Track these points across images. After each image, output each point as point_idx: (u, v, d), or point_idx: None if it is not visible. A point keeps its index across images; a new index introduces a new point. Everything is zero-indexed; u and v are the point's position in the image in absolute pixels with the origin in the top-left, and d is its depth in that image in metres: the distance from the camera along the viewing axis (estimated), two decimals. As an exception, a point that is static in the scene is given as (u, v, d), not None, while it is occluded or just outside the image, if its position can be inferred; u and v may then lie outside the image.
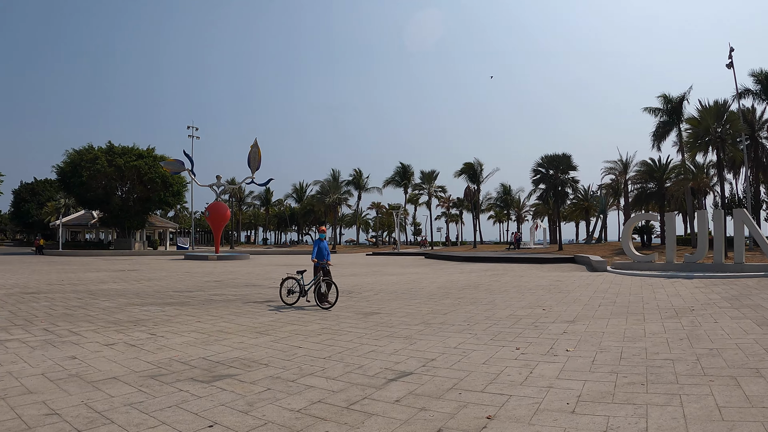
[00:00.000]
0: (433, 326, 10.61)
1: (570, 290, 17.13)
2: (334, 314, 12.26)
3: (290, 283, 13.97)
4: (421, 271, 28.60)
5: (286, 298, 13.87)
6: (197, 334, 9.58)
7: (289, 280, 14.01)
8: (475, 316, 11.97)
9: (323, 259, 13.57)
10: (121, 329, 10.13)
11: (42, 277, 23.21)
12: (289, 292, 13.79)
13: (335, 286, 13.32)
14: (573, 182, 55.19)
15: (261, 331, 9.99)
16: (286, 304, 13.64)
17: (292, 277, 13.97)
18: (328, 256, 13.76)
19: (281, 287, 14.05)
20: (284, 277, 14.39)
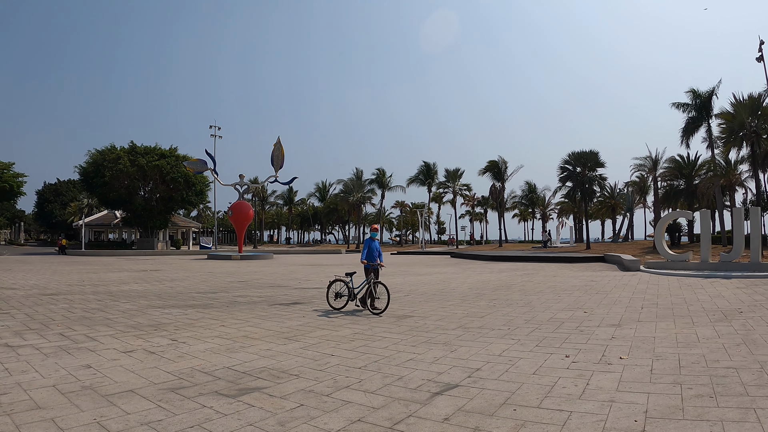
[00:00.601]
0: (471, 331, 9.91)
1: (607, 291, 16.52)
2: (365, 318, 11.60)
3: (338, 286, 12.93)
4: (450, 270, 27.86)
5: (334, 302, 12.84)
6: (221, 340, 8.94)
7: (337, 282, 12.99)
8: (515, 319, 11.30)
9: (374, 261, 12.73)
10: (140, 334, 9.54)
11: (62, 278, 22.83)
12: (336, 296, 12.72)
13: (387, 291, 12.26)
14: (600, 179, 54.03)
15: (289, 336, 9.33)
16: (334, 308, 12.76)
17: (340, 279, 13.00)
18: (380, 257, 12.93)
19: (328, 290, 13.06)
20: (332, 279, 13.40)
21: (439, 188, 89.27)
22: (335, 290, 12.83)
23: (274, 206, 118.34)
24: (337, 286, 12.92)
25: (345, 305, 12.73)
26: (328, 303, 12.91)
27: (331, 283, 13.06)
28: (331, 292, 12.91)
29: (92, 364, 7.25)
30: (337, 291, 12.75)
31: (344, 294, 12.71)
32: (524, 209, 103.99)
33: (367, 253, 12.76)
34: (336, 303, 12.80)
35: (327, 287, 13.25)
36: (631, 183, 78.08)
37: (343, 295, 12.70)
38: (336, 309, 12.65)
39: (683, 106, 52.47)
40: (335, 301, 12.77)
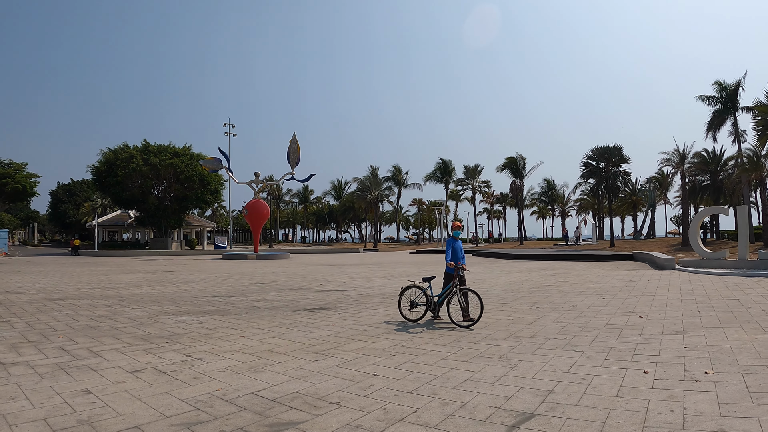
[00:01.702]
0: (525, 341, 8.73)
1: (651, 292, 15.56)
2: (402, 324, 10.40)
3: (414, 294, 11.03)
4: (476, 270, 26.61)
5: (408, 313, 10.91)
6: (242, 356, 7.76)
7: (412, 289, 11.07)
8: (567, 326, 10.18)
9: (459, 262, 10.80)
10: (150, 348, 8.38)
11: (72, 280, 21.81)
12: (412, 305, 10.73)
13: (479, 300, 10.21)
14: (624, 175, 52.49)
15: (320, 350, 8.13)
16: (408, 320, 10.85)
17: (416, 285, 10.99)
18: (463, 259, 10.98)
19: (401, 298, 11.12)
20: (405, 285, 11.40)
21: (457, 185, 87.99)
22: (410, 298, 10.95)
23: (290, 205, 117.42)
24: (413, 293, 11.08)
25: (422, 316, 10.81)
26: (401, 314, 11.01)
27: (404, 290, 11.17)
28: (405, 300, 11.09)
29: (93, 389, 6.11)
30: (413, 299, 10.82)
31: (421, 303, 10.77)
32: (543, 206, 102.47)
33: (452, 254, 10.94)
34: (411, 314, 10.89)
35: (399, 294, 11.22)
36: (653, 179, 76.46)
37: (419, 304, 10.74)
38: (411, 321, 10.81)
39: (708, 99, 50.97)
40: (410, 311, 10.84)
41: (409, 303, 10.76)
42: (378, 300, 14.52)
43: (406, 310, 10.90)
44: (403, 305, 11.04)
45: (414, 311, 10.84)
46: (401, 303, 11.07)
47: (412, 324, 10.48)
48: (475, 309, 10.49)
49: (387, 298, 14.82)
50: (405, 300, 11.06)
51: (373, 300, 14.53)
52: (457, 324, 10.09)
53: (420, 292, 10.87)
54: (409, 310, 10.79)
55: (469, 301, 10.55)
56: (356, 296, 15.55)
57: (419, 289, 10.87)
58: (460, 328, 9.98)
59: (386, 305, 13.38)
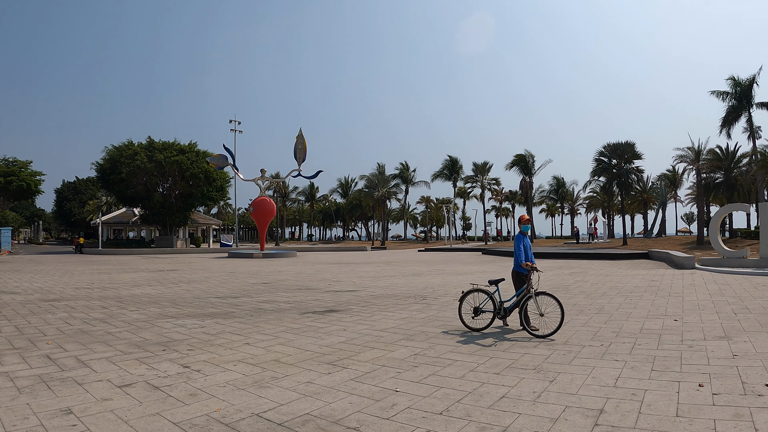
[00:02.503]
0: (558, 348, 7.92)
1: (678, 293, 14.80)
2: (419, 330, 9.54)
3: (478, 298, 9.62)
4: (488, 269, 25.80)
5: (472, 321, 9.51)
6: (246, 367, 6.93)
7: (476, 293, 9.65)
8: (600, 330, 9.39)
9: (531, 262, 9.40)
10: (144, 357, 7.56)
11: (72, 280, 21.05)
12: (476, 312, 9.32)
13: (559, 305, 8.82)
14: (637, 172, 51.46)
15: (332, 360, 7.29)
16: (471, 329, 9.42)
17: (481, 289, 9.59)
18: (532, 258, 9.69)
19: (462, 304, 9.68)
20: (467, 289, 9.87)
21: (466, 183, 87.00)
22: (474, 304, 9.52)
23: (296, 202, 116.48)
24: (477, 298, 9.65)
25: (489, 325, 9.42)
26: (462, 322, 9.56)
27: (466, 295, 9.70)
28: (466, 306, 9.66)
29: (75, 408, 5.31)
30: (477, 305, 9.37)
31: (487, 309, 9.38)
32: (552, 204, 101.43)
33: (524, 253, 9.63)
34: (475, 322, 9.49)
35: (459, 300, 9.76)
36: (663, 176, 75.38)
37: (485, 310, 9.35)
38: (475, 330, 9.36)
39: (723, 95, 50.01)
40: (474, 319, 9.45)
41: (473, 310, 9.36)
42: (391, 301, 13.69)
43: (469, 317, 9.51)
44: (465, 312, 9.63)
45: (478, 320, 9.46)
46: (462, 310, 9.66)
47: (432, 330, 9.60)
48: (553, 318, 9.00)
49: (400, 300, 14.00)
50: (467, 306, 9.64)
51: (386, 301, 13.70)
52: (533, 334, 8.80)
53: (485, 297, 9.42)
54: (472, 317, 9.41)
55: (547, 306, 9.22)
56: (368, 297, 14.73)
57: (484, 293, 9.48)
58: (537, 338, 8.68)
59: (400, 307, 12.55)
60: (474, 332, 9.22)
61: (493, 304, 9.27)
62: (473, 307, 9.37)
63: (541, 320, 9.11)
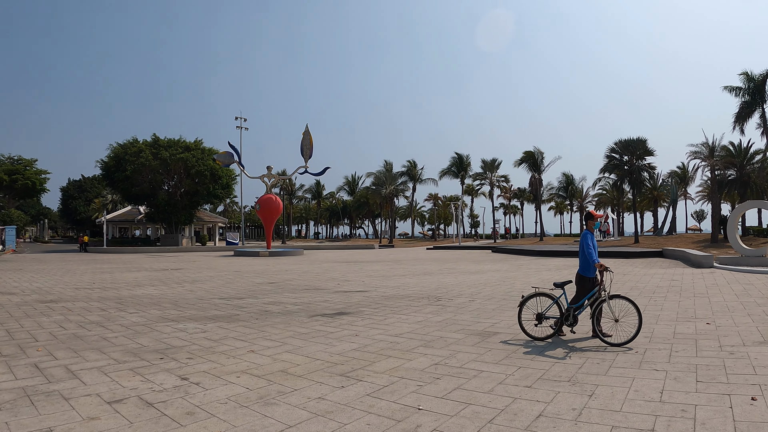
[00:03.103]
0: (590, 356, 7.36)
1: (702, 293, 14.22)
2: (437, 335, 8.86)
3: (541, 304, 8.56)
4: (501, 268, 25.11)
5: (534, 329, 8.48)
6: (250, 379, 6.27)
7: (539, 297, 8.55)
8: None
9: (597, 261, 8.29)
10: (140, 366, 6.92)
11: (72, 279, 20.47)
12: (539, 319, 8.29)
13: (637, 309, 7.84)
14: (649, 168, 50.62)
15: (345, 371, 6.62)
16: (534, 338, 8.32)
17: (544, 293, 8.52)
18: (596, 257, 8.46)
19: (522, 310, 8.49)
20: (528, 294, 8.69)
21: (474, 180, 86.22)
22: (536, 310, 8.50)
23: (302, 200, 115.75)
24: (540, 303, 8.58)
25: (555, 333, 8.34)
26: (523, 330, 8.44)
27: (527, 299, 8.50)
28: (527, 312, 8.60)
29: (56, 429, 4.71)
30: (541, 311, 8.33)
31: (552, 316, 8.39)
32: (560, 202, 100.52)
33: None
34: (537, 330, 8.48)
35: (519, 305, 8.54)
36: (674, 173, 74.45)
37: (550, 317, 8.36)
38: (538, 340, 8.27)
39: (735, 90, 49.05)
40: (537, 327, 8.45)
41: (535, 316, 8.32)
42: (404, 303, 13.02)
43: (531, 325, 8.49)
44: (526, 319, 8.55)
45: (542, 327, 8.44)
46: (522, 316, 8.51)
47: (451, 336, 8.90)
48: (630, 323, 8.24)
49: (413, 301, 13.33)
50: (528, 312, 8.59)
51: (399, 303, 13.03)
52: (607, 342, 7.87)
53: (551, 302, 8.42)
54: (535, 325, 8.38)
55: (622, 311, 8.42)
56: (379, 298, 14.07)
57: (548, 297, 8.49)
58: (610, 346, 7.78)
59: (414, 309, 11.88)
60: (538, 342, 8.16)
61: (560, 310, 8.31)
62: (535, 313, 8.34)
63: (615, 326, 8.28)
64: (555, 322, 8.31)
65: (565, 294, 8.42)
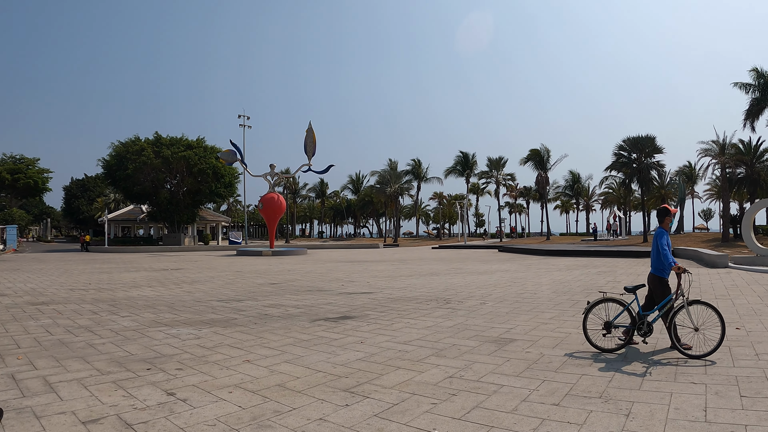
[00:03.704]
0: (616, 365, 6.61)
1: (723, 295, 13.59)
2: (449, 343, 8.19)
3: (610, 310, 7.69)
4: (510, 268, 24.44)
5: (601, 340, 7.53)
6: (243, 395, 5.62)
7: (608, 303, 7.63)
8: (659, 342, 7.98)
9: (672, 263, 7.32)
10: (123, 379, 6.28)
11: (69, 280, 19.88)
12: (607, 328, 7.38)
13: (719, 316, 7.04)
14: (658, 166, 49.88)
15: (350, 385, 5.95)
16: (602, 349, 7.39)
17: (613, 299, 7.56)
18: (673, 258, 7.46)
19: (587, 317, 7.57)
20: (595, 299, 7.67)
21: (480, 178, 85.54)
22: (603, 317, 7.60)
23: (306, 199, 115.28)
24: (609, 309, 7.69)
25: (626, 343, 7.51)
26: (589, 341, 7.50)
27: (594, 306, 7.56)
28: (594, 320, 7.68)
29: (17, 456, 4.06)
30: (609, 319, 7.46)
31: (623, 324, 7.54)
32: (566, 200, 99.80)
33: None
34: (605, 341, 7.52)
35: (585, 312, 7.61)
36: (681, 171, 73.71)
37: (619, 325, 7.49)
38: (607, 351, 7.36)
39: (746, 87, 48.24)
40: (605, 338, 7.50)
41: (603, 325, 7.43)
42: (412, 306, 12.35)
43: (598, 335, 7.56)
44: (592, 328, 7.63)
45: (609, 337, 7.51)
46: (588, 325, 7.58)
47: (465, 344, 8.23)
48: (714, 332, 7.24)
49: (421, 303, 12.67)
50: (595, 320, 7.69)
51: (406, 306, 12.36)
52: (686, 354, 7.03)
53: (621, 308, 7.55)
54: (603, 335, 7.47)
55: (700, 317, 7.40)
56: (385, 300, 13.41)
57: (618, 303, 7.58)
58: (689, 359, 6.96)
59: (422, 313, 11.22)
60: (607, 354, 7.26)
61: (631, 317, 7.41)
62: (604, 321, 7.47)
63: (695, 336, 7.39)
64: (625, 331, 7.53)
65: (637, 299, 7.63)
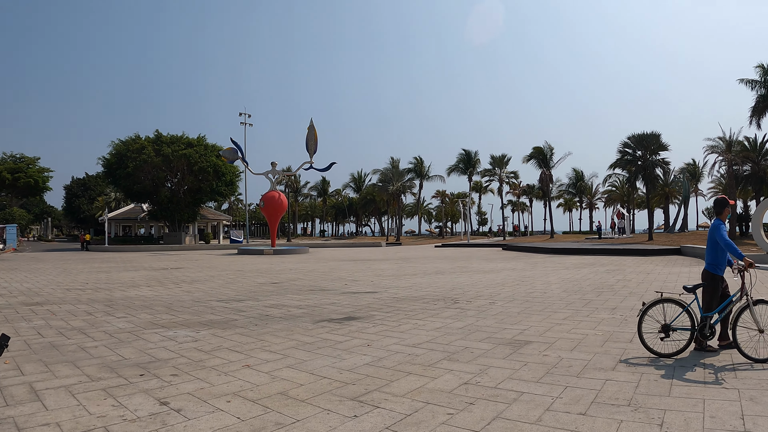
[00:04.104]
0: (643, 371, 6.17)
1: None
2: (461, 345, 7.73)
3: (668, 312, 7.03)
4: (516, 266, 24.00)
5: (659, 344, 6.90)
6: (242, 405, 5.17)
7: (665, 304, 7.05)
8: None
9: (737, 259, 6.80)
10: (114, 386, 5.84)
11: (66, 279, 19.46)
12: (665, 331, 6.81)
13: None
14: (664, 164, 49.35)
15: (358, 393, 5.50)
16: (659, 354, 6.78)
17: (671, 299, 7.02)
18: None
19: (643, 319, 6.92)
20: (651, 300, 7.12)
21: (483, 176, 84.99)
22: (660, 320, 6.97)
23: (308, 198, 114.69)
24: (666, 311, 7.02)
25: (685, 348, 6.86)
26: (645, 345, 6.89)
27: (650, 306, 6.98)
28: (650, 322, 7.01)
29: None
30: (667, 322, 6.86)
31: (681, 327, 6.89)
32: (570, 198, 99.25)
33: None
34: (663, 345, 6.88)
35: (640, 313, 6.98)
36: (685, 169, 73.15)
37: (678, 328, 6.87)
38: (664, 356, 6.75)
39: (751, 83, 47.75)
40: (663, 341, 6.87)
41: (661, 328, 6.85)
42: (418, 305, 11.90)
43: (656, 339, 6.92)
44: (648, 331, 6.96)
45: (668, 341, 6.87)
46: (643, 328, 6.91)
47: (477, 346, 7.79)
48: None
49: (428, 303, 12.22)
50: (651, 322, 7.02)
51: (413, 305, 11.92)
52: (750, 357, 6.48)
53: (681, 310, 6.94)
54: (661, 339, 6.85)
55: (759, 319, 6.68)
56: (390, 300, 12.97)
57: (677, 304, 7.01)
58: (754, 363, 6.42)
59: (430, 313, 10.78)
60: (664, 359, 6.69)
61: (691, 319, 6.84)
62: (661, 324, 6.88)
63: (760, 338, 6.78)
64: (685, 335, 6.95)
65: (697, 299, 7.05)
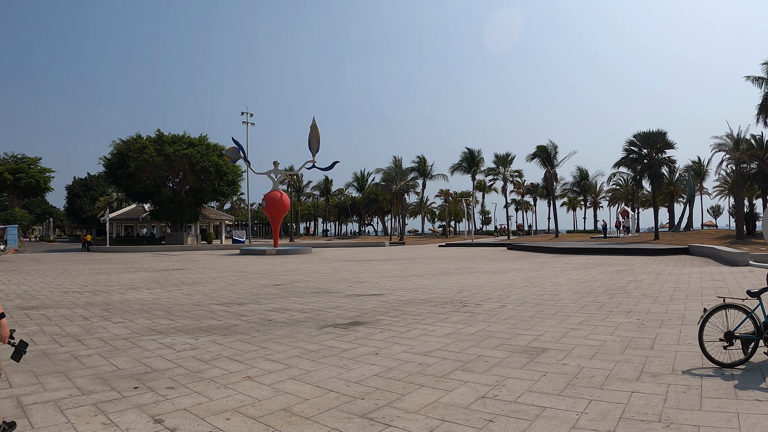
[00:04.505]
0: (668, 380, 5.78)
1: None
2: (474, 353, 7.31)
3: (731, 318, 6.56)
4: (523, 266, 23.57)
5: (721, 354, 6.42)
6: (242, 424, 4.75)
7: (728, 310, 6.54)
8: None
9: None
10: (106, 400, 5.44)
11: (65, 281, 19.08)
12: (728, 338, 6.28)
13: None
14: (670, 162, 48.84)
15: (367, 409, 5.09)
16: (720, 364, 6.25)
17: (734, 305, 6.47)
18: None
19: (704, 326, 6.40)
20: (713, 306, 6.59)
21: (487, 175, 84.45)
22: (722, 327, 6.51)
23: (311, 197, 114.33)
24: (729, 317, 6.56)
25: (749, 357, 6.31)
26: (706, 354, 6.35)
27: (712, 313, 6.49)
28: (711, 329, 6.55)
29: None
30: (731, 329, 6.36)
31: (745, 334, 6.34)
32: (574, 197, 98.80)
33: None
34: (724, 355, 6.41)
35: (701, 320, 6.46)
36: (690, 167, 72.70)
37: (742, 336, 6.32)
38: (726, 366, 6.22)
39: (758, 80, 47.24)
40: (725, 350, 6.37)
41: (724, 335, 6.32)
42: (426, 309, 11.49)
43: (718, 348, 6.44)
44: (709, 338, 6.49)
45: (731, 349, 6.34)
46: (705, 335, 6.41)
47: (492, 354, 7.37)
48: None
49: (436, 307, 11.81)
50: (713, 329, 6.54)
51: (420, 309, 11.50)
52: None
53: (745, 316, 6.38)
54: (724, 348, 6.32)
55: None
56: (397, 303, 12.56)
57: (740, 310, 6.45)
58: None
59: (439, 317, 10.37)
60: (725, 369, 6.17)
61: (755, 326, 6.28)
62: (723, 331, 6.37)
63: None
64: (747, 343, 6.36)
65: (762, 305, 6.42)
